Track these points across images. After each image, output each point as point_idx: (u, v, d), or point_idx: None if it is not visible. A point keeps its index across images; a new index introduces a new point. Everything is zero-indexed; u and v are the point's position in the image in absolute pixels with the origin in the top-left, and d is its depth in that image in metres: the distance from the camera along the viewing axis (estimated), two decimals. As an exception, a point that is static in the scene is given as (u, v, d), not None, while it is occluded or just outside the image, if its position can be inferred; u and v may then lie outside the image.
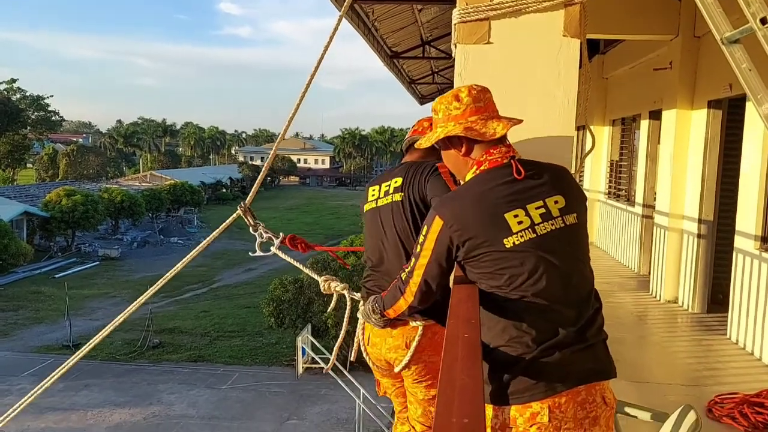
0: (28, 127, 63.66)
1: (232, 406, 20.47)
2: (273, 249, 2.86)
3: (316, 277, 2.81)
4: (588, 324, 1.85)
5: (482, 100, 1.95)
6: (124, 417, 19.71)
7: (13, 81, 63.73)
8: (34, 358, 23.75)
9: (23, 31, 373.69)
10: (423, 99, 18.25)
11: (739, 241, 5.49)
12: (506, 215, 1.78)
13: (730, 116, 6.30)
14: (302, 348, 19.98)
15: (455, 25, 2.43)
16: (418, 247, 1.90)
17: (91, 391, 21.30)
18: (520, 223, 1.78)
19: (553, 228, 1.82)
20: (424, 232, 1.88)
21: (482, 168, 1.90)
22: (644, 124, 8.49)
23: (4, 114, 56.81)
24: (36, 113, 65.57)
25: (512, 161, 1.88)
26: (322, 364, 18.08)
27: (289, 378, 22.04)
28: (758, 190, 5.20)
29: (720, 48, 2.22)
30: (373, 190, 2.59)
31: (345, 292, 2.66)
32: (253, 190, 2.93)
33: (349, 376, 17.57)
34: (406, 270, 1.97)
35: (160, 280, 3.12)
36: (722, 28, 2.21)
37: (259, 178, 3.00)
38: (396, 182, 2.51)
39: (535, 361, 1.76)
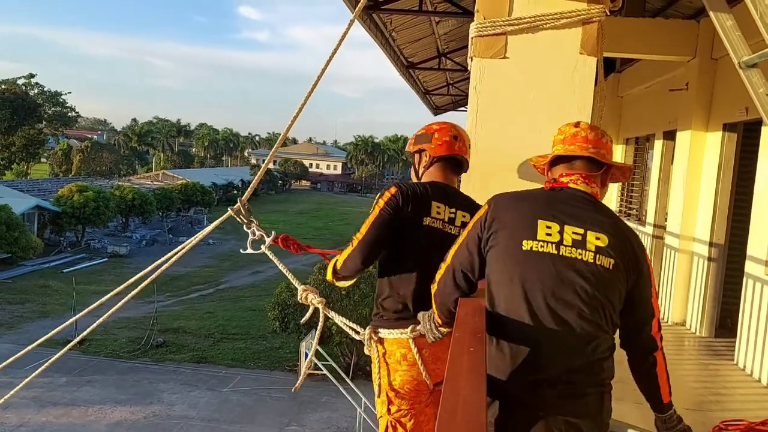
0: (44, 122, 64.22)
1: (232, 409, 20.44)
2: (263, 248, 2.83)
3: (297, 284, 2.75)
4: (575, 371, 1.84)
5: (566, 132, 2.07)
6: (124, 415, 19.72)
7: (32, 76, 64.42)
8: (39, 351, 23.78)
9: (45, 27, 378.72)
10: (437, 110, 18.27)
11: (749, 266, 5.43)
12: (539, 221, 1.84)
13: (746, 140, 6.25)
14: (305, 353, 19.96)
15: (472, 38, 2.44)
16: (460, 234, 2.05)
17: (93, 387, 21.36)
18: (548, 234, 1.82)
19: (577, 257, 1.81)
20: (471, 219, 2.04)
21: (547, 186, 2.01)
22: (658, 144, 8.45)
23: (21, 108, 57.36)
24: (53, 108, 66.17)
25: (575, 190, 1.96)
26: (325, 371, 18.06)
27: (290, 383, 21.96)
28: (771, 216, 5.16)
29: (737, 71, 2.21)
30: (438, 207, 2.42)
31: (320, 306, 2.63)
32: (250, 187, 2.98)
33: (351, 384, 17.53)
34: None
35: (149, 277, 3.13)
36: (740, 51, 2.20)
37: (257, 176, 3.03)
38: (465, 217, 2.40)
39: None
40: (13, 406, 19.09)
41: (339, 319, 2.65)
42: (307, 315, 2.73)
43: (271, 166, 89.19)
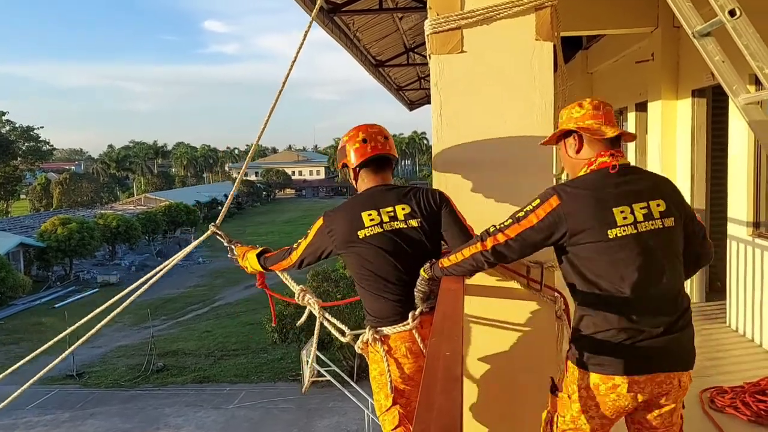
0: (19, 158, 63.48)
1: (240, 425, 20.34)
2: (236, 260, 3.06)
3: (293, 287, 2.89)
4: (677, 319, 2.09)
5: (601, 109, 2.16)
6: (132, 443, 19.59)
7: (2, 114, 63.74)
8: (39, 390, 23.59)
9: (19, 63, 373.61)
10: (412, 105, 18.30)
11: (731, 228, 5.49)
12: (614, 209, 2.02)
13: (715, 104, 6.32)
14: (307, 362, 19.91)
15: (428, 36, 2.44)
16: (522, 212, 2.09)
17: (96, 420, 21.16)
18: (624, 218, 2.02)
19: (653, 228, 2.05)
20: (534, 204, 2.08)
21: (592, 167, 2.12)
22: (631, 116, 8.51)
23: (-6, 147, 56.68)
24: (26, 144, 65.46)
25: (619, 165, 2.10)
26: (329, 377, 18.04)
27: (295, 393, 21.93)
28: (747, 176, 5.21)
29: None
30: (371, 214, 2.46)
31: (316, 306, 2.77)
32: (222, 211, 3.14)
33: (356, 387, 17.52)
34: (497, 225, 2.13)
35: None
36: (692, 21, 2.22)
37: (229, 198, 3.12)
38: (405, 209, 2.46)
39: (622, 344, 2.03)
40: (19, 448, 18.89)
41: (330, 321, 2.79)
42: (303, 318, 2.92)
43: (253, 178, 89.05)
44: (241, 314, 33.23)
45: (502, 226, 2.11)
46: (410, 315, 2.42)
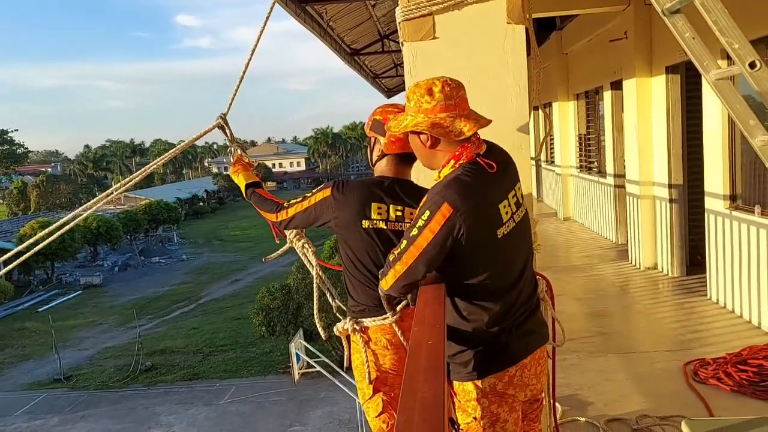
0: (-7, 163, 62.47)
1: (232, 420, 20.34)
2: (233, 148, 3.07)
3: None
4: (537, 297, 2.12)
5: (454, 98, 1.92)
6: (124, 444, 19.50)
7: (-27, 117, 62.64)
8: (26, 395, 23.38)
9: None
10: (389, 92, 18.25)
11: (709, 202, 5.56)
12: (499, 206, 1.89)
13: (689, 79, 6.38)
14: (296, 354, 19.95)
15: (400, 23, 2.42)
16: (415, 230, 1.86)
17: (87, 422, 21.03)
18: (507, 213, 1.90)
19: (522, 214, 2.00)
20: (425, 217, 1.84)
21: (461, 162, 1.90)
22: (607, 95, 8.56)
23: (-33, 152, 55.62)
24: (0, 148, 64.36)
25: (479, 158, 1.91)
26: (319, 368, 18.07)
27: (286, 385, 21.95)
28: (722, 150, 5.27)
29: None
30: (380, 207, 2.37)
31: (312, 257, 2.81)
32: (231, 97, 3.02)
33: (347, 376, 17.57)
34: (395, 252, 1.93)
35: None
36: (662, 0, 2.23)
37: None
38: (413, 213, 2.24)
39: (506, 335, 1.97)
40: (9, 455, 18.71)
41: (322, 278, 2.81)
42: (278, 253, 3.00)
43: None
44: (227, 309, 33.13)
45: (399, 252, 1.91)
46: (391, 312, 2.38)
